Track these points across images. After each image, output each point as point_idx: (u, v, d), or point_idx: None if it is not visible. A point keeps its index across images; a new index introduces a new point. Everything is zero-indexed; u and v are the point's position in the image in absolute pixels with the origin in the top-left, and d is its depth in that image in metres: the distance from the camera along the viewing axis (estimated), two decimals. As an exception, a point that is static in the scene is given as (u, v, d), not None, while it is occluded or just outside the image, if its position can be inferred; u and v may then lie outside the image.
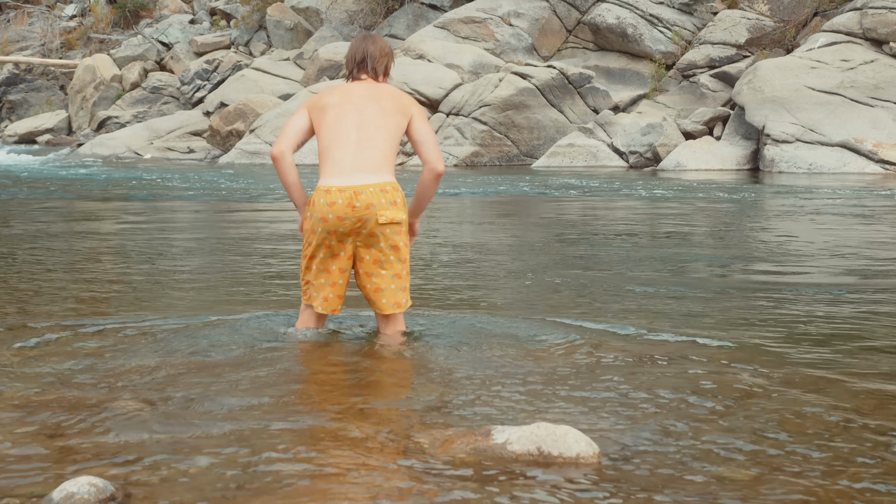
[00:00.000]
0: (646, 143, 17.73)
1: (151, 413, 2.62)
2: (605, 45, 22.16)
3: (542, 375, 3.09)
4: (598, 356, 3.36)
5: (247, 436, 2.42)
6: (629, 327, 3.88)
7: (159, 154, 21.49)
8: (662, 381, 3.02)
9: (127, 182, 13.74)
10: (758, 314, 4.23)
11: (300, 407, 2.71)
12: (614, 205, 10.54)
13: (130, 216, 9.28)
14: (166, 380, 3.00)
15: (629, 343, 3.60)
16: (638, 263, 5.77)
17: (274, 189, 12.21)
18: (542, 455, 2.25)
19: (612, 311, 4.30)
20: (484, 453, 2.28)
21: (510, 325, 3.88)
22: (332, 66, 22.89)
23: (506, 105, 19.09)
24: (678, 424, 2.56)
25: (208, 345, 3.49)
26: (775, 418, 2.62)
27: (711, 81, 20.20)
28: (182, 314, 4.12)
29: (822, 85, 17.15)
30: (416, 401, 2.78)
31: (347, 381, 3.03)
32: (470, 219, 9.37)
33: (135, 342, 3.56)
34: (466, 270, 5.68)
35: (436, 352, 3.43)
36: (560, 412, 2.67)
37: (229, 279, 5.16)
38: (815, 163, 16.18)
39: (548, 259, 6.09)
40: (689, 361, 3.31)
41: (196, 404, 2.71)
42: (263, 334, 3.65)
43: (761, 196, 11.50)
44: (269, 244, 6.92)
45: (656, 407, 2.73)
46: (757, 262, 5.99)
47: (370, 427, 2.50)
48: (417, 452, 2.31)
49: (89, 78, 26.74)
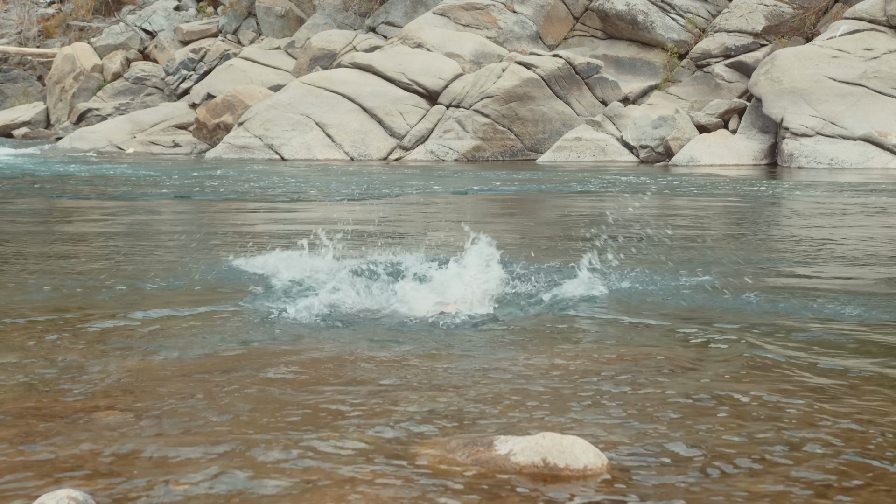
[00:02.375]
0: (657, 136, 17.73)
1: (135, 421, 2.62)
2: (615, 33, 22.15)
3: (549, 381, 3.09)
4: (610, 361, 3.36)
5: (236, 445, 2.41)
6: (643, 331, 3.87)
7: (142, 148, 21.49)
8: (677, 389, 3.01)
9: (115, 178, 13.74)
10: (780, 320, 4.22)
11: (291, 414, 2.70)
12: (651, 203, 10.54)
13: (115, 215, 9.28)
14: (151, 385, 3.00)
15: (642, 348, 3.60)
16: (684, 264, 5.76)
17: (267, 186, 12.20)
18: (548, 467, 2.24)
19: (628, 314, 4.29)
20: (486, 465, 2.27)
21: (515, 328, 3.88)
22: (326, 56, 22.88)
23: (509, 97, 19.08)
24: (693, 435, 2.55)
25: (195, 346, 3.49)
26: (800, 430, 2.62)
27: (727, 71, 20.20)
28: (165, 313, 4.12)
29: (844, 75, 17.15)
30: (414, 408, 2.78)
31: (340, 385, 3.03)
32: (478, 216, 9.36)
33: (116, 344, 3.55)
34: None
35: (435, 355, 3.42)
36: (567, 421, 2.67)
37: (213, 277, 5.16)
38: (837, 158, 16.17)
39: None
40: (706, 369, 3.30)
41: (183, 411, 2.71)
42: (251, 333, 3.65)
43: (794, 192, 11.50)
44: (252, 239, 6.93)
45: (670, 416, 2.72)
46: (795, 265, 5.99)
47: (364, 436, 2.49)
48: (415, 463, 2.30)
49: (68, 68, 26.73)
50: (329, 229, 5.51)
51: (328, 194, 11.30)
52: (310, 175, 14.67)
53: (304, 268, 5.03)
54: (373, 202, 10.40)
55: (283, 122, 19.11)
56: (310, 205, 10.30)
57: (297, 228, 7.68)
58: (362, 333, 3.81)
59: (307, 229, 6.78)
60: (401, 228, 7.99)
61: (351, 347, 3.60)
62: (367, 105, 19.43)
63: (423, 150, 18.92)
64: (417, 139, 19.19)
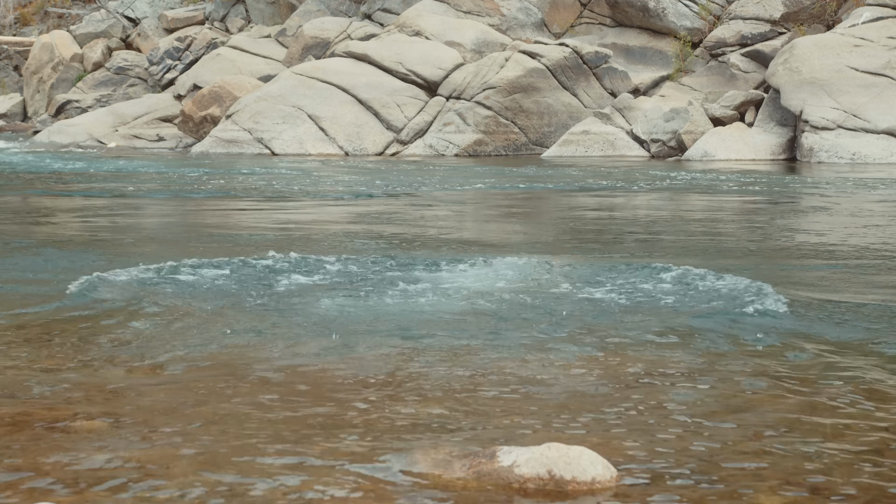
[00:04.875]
0: (669, 130, 17.73)
1: (116, 431, 2.60)
2: (624, 21, 22.17)
3: (555, 389, 3.08)
4: (620, 367, 3.35)
5: (223, 456, 2.40)
6: (655, 337, 3.86)
7: (125, 142, 21.51)
8: (691, 397, 3.00)
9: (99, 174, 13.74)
10: (805, 328, 4.21)
11: (279, 423, 2.69)
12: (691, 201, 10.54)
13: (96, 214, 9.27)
14: (131, 391, 2.99)
15: (656, 354, 3.59)
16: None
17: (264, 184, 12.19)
18: (554, 479, 2.23)
19: (636, 319, 4.28)
20: (488, 477, 2.26)
21: (521, 332, 3.87)
22: (319, 44, 22.89)
23: (513, 88, 19.09)
24: (709, 447, 2.54)
25: (178, 348, 3.48)
26: (815, 440, 2.61)
27: (743, 61, 20.21)
28: (146, 314, 4.11)
29: (867, 65, 17.15)
30: (411, 415, 2.77)
31: (334, 391, 3.01)
32: (483, 216, 9.37)
33: (95, 348, 3.54)
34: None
35: (435, 359, 3.41)
36: (574, 431, 2.66)
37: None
38: (859, 152, 16.18)
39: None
40: (725, 379, 3.29)
41: (167, 420, 2.70)
42: (235, 332, 3.64)
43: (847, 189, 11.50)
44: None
45: (682, 425, 2.71)
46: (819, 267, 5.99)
47: (358, 446, 2.48)
48: (411, 475, 2.29)
49: (46, 57, 26.74)
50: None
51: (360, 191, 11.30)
52: (306, 170, 14.67)
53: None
54: (435, 202, 10.39)
55: (273, 115, 19.12)
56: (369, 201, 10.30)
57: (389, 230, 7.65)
58: (359, 336, 3.80)
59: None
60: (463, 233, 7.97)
61: (346, 350, 3.58)
62: (362, 97, 19.43)
63: (421, 144, 18.92)
64: (416, 133, 19.19)
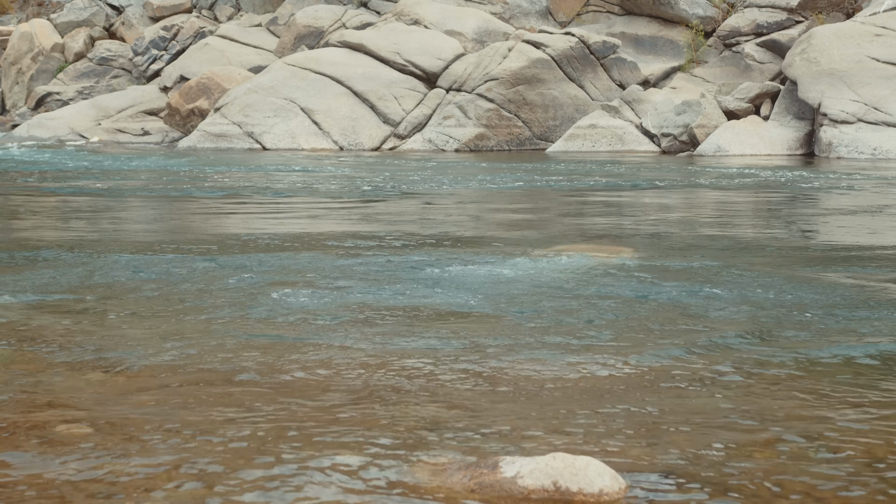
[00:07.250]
0: (681, 123, 17.73)
1: (98, 438, 2.61)
2: (634, 9, 22.16)
3: (561, 396, 3.08)
4: (628, 375, 3.35)
5: (209, 465, 2.41)
6: (664, 343, 3.87)
7: (108, 136, 21.50)
8: (703, 407, 3.01)
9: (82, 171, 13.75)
10: (814, 332, 4.23)
11: (271, 429, 2.70)
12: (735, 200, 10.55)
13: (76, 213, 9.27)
14: (114, 397, 2.99)
15: (666, 361, 3.59)
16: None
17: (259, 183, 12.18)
18: (559, 491, 2.24)
19: (648, 327, 4.29)
20: (490, 489, 2.26)
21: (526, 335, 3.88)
22: (312, 34, 22.89)
23: (516, 79, 19.09)
24: (720, 457, 2.55)
25: (164, 351, 3.49)
26: (830, 450, 2.62)
27: (758, 51, 20.21)
28: (132, 316, 4.12)
29: (889, 55, 17.15)
30: (410, 423, 2.77)
31: (331, 394, 3.02)
32: (483, 213, 9.37)
33: (76, 351, 3.55)
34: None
35: (435, 362, 3.42)
36: (581, 440, 2.66)
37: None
38: (880, 147, 16.17)
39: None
40: (736, 386, 3.30)
41: (150, 427, 2.71)
42: (227, 335, 3.65)
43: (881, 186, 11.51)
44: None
45: (694, 436, 2.72)
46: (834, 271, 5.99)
47: (354, 455, 2.49)
48: (409, 487, 2.30)
49: (26, 47, 26.74)
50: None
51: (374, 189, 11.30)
52: (299, 164, 14.68)
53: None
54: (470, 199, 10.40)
55: (264, 108, 19.12)
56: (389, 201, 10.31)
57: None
58: (357, 337, 3.81)
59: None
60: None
61: (344, 353, 3.59)
62: (357, 89, 19.43)
63: (419, 138, 18.92)
64: (414, 126, 19.18)
